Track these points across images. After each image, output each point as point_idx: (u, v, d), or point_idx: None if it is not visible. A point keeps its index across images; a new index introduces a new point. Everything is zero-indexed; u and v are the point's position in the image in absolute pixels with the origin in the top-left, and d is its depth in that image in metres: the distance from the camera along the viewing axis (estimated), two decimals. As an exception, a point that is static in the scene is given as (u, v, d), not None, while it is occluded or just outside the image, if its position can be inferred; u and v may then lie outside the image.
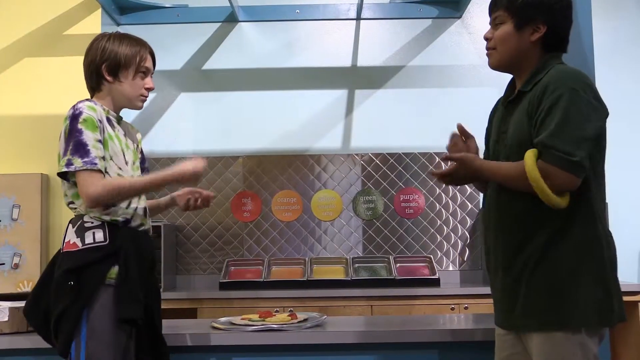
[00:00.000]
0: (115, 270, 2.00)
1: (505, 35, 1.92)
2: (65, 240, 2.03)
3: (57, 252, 2.09)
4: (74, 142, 1.97)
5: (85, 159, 1.96)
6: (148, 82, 2.17)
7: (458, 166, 1.91)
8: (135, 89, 2.14)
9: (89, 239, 2.00)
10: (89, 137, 1.98)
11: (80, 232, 2.01)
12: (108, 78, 2.11)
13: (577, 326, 1.75)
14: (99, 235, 2.01)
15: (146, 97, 2.19)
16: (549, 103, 1.77)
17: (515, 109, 1.92)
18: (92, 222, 2.03)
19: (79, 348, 1.93)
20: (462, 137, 2.09)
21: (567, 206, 1.75)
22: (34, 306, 2.06)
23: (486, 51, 2.00)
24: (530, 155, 1.76)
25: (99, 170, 1.98)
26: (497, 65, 1.98)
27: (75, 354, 1.93)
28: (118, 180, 2.03)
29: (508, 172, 1.83)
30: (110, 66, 2.10)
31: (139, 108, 2.20)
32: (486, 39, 1.99)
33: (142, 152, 2.30)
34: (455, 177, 1.95)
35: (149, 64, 2.17)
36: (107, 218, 2.04)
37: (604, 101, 1.84)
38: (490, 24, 1.99)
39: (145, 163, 2.32)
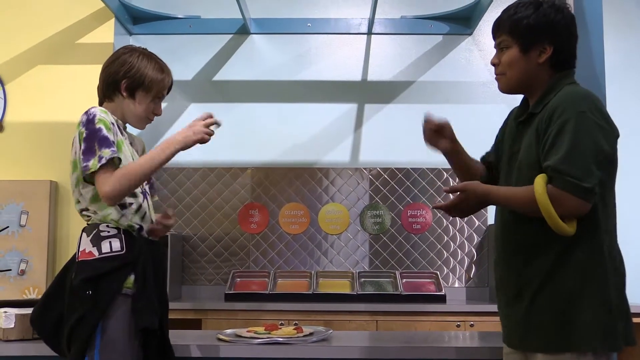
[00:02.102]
0: (131, 279, 2.01)
1: (512, 60, 1.91)
2: (80, 249, 2.03)
3: (69, 261, 2.09)
4: (98, 139, 1.99)
5: (113, 148, 1.99)
6: (158, 107, 2.22)
7: (464, 196, 1.88)
8: (146, 112, 2.19)
9: (105, 248, 2.00)
10: (108, 133, 2.01)
11: (96, 241, 2.01)
12: (124, 93, 2.14)
13: (583, 350, 1.73)
14: (116, 244, 2.01)
15: (152, 120, 2.23)
16: (557, 127, 1.76)
17: (526, 130, 1.91)
18: (109, 231, 2.03)
19: (92, 357, 1.93)
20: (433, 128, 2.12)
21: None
22: (42, 314, 2.06)
23: (495, 76, 1.99)
24: (539, 181, 1.74)
25: (115, 165, 1.98)
26: (507, 90, 1.98)
27: None
28: (125, 168, 2.01)
29: (517, 197, 1.81)
30: (132, 84, 2.13)
31: (142, 129, 2.25)
32: (494, 64, 1.98)
33: None
34: (463, 207, 1.91)
35: (166, 92, 2.23)
36: (124, 223, 2.04)
37: (615, 122, 1.82)
38: (495, 47, 1.98)
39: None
